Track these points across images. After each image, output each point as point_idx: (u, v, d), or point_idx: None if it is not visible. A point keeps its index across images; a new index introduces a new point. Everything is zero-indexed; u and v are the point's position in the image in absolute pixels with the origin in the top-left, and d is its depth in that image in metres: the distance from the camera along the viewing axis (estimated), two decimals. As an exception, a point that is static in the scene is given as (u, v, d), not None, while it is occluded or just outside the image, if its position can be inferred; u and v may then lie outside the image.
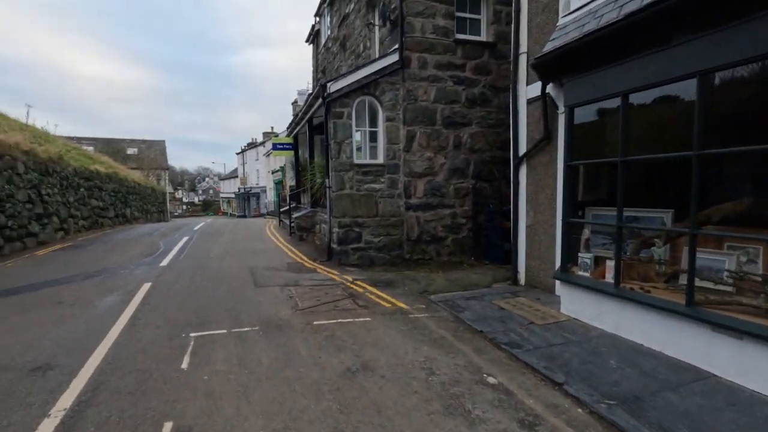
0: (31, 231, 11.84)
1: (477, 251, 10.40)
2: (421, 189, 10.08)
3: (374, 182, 9.80)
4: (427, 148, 10.08)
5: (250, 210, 52.37)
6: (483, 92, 10.41)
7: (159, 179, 38.19)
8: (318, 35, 20.49)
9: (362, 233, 9.68)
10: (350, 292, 7.03)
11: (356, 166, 9.67)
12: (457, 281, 7.99)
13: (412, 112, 9.91)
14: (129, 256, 10.14)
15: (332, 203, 9.72)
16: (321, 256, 10.33)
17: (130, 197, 23.15)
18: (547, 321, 5.59)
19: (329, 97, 9.38)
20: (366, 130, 10.02)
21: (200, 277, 7.80)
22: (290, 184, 21.79)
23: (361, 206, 9.69)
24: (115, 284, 7.31)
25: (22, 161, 11.69)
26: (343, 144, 9.57)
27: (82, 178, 16.48)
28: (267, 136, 50.03)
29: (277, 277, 8.01)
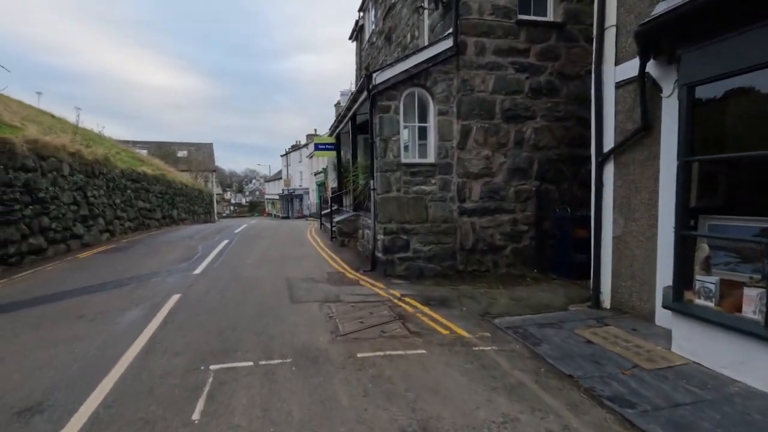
0: (76, 233, 11.77)
1: (541, 263, 9.06)
2: (476, 191, 8.90)
3: (424, 184, 8.74)
4: (484, 146, 8.88)
5: (293, 211, 52.84)
6: (549, 81, 9.07)
7: (206, 181, 39.11)
8: (362, 31, 19.73)
9: (410, 241, 8.65)
10: (398, 312, 6.00)
11: (404, 166, 8.66)
12: (523, 301, 6.76)
13: (468, 104, 8.76)
14: (165, 260, 9.69)
15: (377, 207, 8.75)
16: (364, 266, 9.40)
17: (176, 199, 23.45)
18: (658, 365, 4.29)
19: (375, 89, 8.43)
20: (415, 125, 8.98)
21: (233, 289, 7.07)
22: (332, 185, 21.16)
23: (409, 210, 8.66)
24: (144, 294, 6.72)
25: (68, 163, 11.65)
26: (389, 141, 8.58)
27: (130, 180, 16.59)
28: (310, 138, 50.27)
29: (316, 290, 7.14)
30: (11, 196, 9.00)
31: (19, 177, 9.34)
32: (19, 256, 9.19)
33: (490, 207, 8.96)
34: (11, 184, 9.03)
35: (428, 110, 8.93)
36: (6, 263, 8.79)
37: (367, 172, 10.46)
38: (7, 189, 8.88)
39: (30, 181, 9.70)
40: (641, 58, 5.22)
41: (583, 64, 9.16)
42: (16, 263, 9.07)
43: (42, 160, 10.37)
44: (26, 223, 9.49)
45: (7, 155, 9.00)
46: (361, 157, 13.78)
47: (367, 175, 10.63)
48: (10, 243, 8.93)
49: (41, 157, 10.35)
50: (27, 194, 9.60)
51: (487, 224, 8.96)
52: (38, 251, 9.94)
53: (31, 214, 9.66)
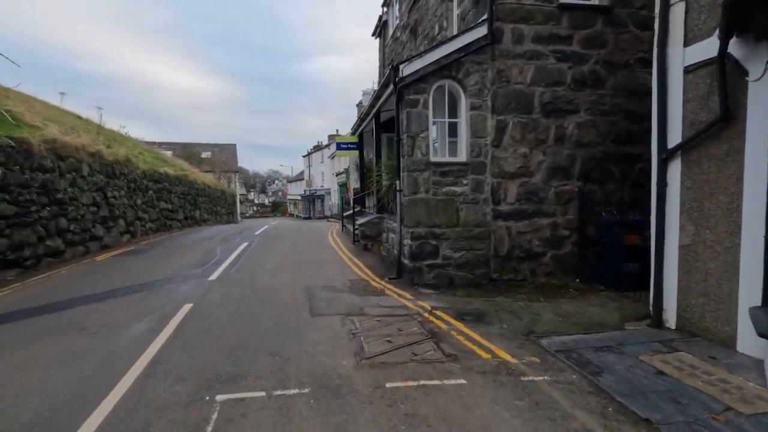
0: (95, 234, 11.57)
1: (584, 272, 8.21)
2: (513, 193, 8.13)
3: (455, 184, 8.03)
4: (521, 142, 8.11)
5: (314, 212, 52.76)
6: (594, 70, 8.22)
7: (229, 181, 39.28)
8: (385, 27, 19.11)
9: (440, 247, 7.95)
10: (430, 329, 5.33)
11: (433, 165, 7.97)
12: (571, 317, 5.97)
13: (504, 97, 8.00)
14: (181, 265, 9.29)
15: (403, 210, 8.10)
16: (389, 272, 8.76)
17: (199, 199, 23.38)
18: (757, 407, 3.48)
19: (402, 82, 7.78)
20: (445, 121, 8.29)
21: (248, 299, 6.55)
22: (354, 186, 20.62)
23: (439, 214, 7.96)
24: (154, 304, 6.26)
25: (88, 163, 11.45)
26: (417, 138, 7.92)
27: (151, 181, 16.46)
28: (332, 138, 50.09)
29: (338, 301, 6.54)
30: (27, 197, 8.77)
31: (36, 177, 9.11)
32: (35, 258, 8.95)
33: (527, 210, 8.17)
34: (27, 185, 8.80)
35: (459, 104, 8.22)
36: (21, 266, 8.55)
37: (392, 172, 9.83)
38: (23, 190, 8.65)
39: (47, 182, 9.47)
40: (723, 35, 4.40)
41: (632, 51, 8.28)
42: (32, 266, 8.83)
43: (60, 161, 10.16)
44: (43, 225, 9.26)
45: (24, 155, 8.78)
46: (385, 156, 13.18)
47: (391, 176, 10.00)
48: (26, 245, 8.69)
49: (60, 157, 10.14)
50: (44, 195, 9.37)
51: (525, 229, 8.18)
52: (55, 253, 9.71)
53: (48, 215, 9.43)
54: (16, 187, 8.48)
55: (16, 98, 12.96)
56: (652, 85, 5.67)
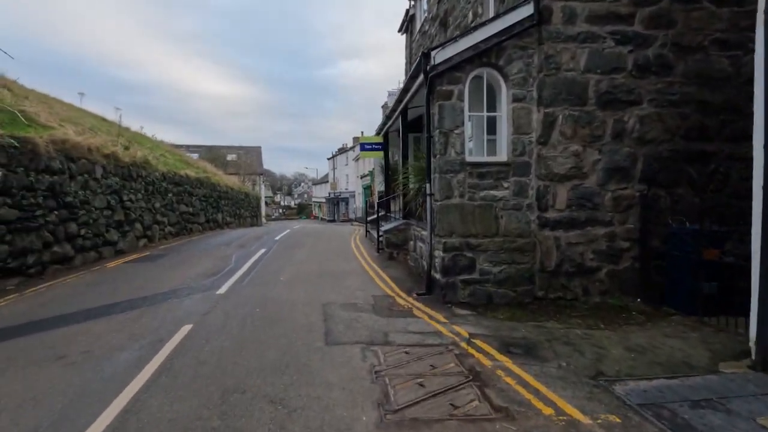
0: (109, 239, 11.07)
1: (646, 291, 6.98)
2: (562, 197, 7.00)
3: (494, 188, 6.98)
4: (572, 139, 6.98)
5: (338, 215, 52.31)
6: (660, 54, 7.00)
7: (254, 184, 39.16)
8: (412, 21, 18.18)
9: (476, 260, 6.90)
10: (471, 367, 4.31)
11: (469, 166, 6.95)
12: (645, 352, 4.82)
13: (552, 87, 6.90)
14: (191, 274, 8.58)
15: (435, 216, 7.10)
16: (417, 287, 7.76)
17: (221, 202, 23.01)
18: None
19: (434, 71, 6.80)
20: (483, 115, 7.25)
21: (256, 319, 5.69)
22: (378, 189, 19.72)
23: (475, 221, 6.92)
24: (150, 324, 5.50)
25: (102, 165, 10.98)
26: (450, 135, 6.91)
27: (171, 183, 16.03)
28: (357, 140, 49.52)
29: (359, 324, 5.59)
30: (32, 201, 8.25)
31: (43, 180, 8.60)
32: (40, 266, 8.43)
33: (579, 218, 7.02)
34: (33, 188, 8.29)
35: (500, 96, 7.17)
36: (24, 274, 8.03)
37: (420, 174, 8.85)
38: (27, 193, 8.13)
39: (55, 185, 8.97)
40: None
41: (707, 31, 7.02)
42: (36, 274, 8.31)
43: (71, 162, 9.67)
44: (50, 230, 8.74)
45: (29, 156, 8.27)
46: (412, 157, 12.19)
47: (420, 178, 9.02)
48: (30, 252, 8.17)
49: (70, 158, 9.65)
50: (52, 198, 8.86)
51: (576, 239, 7.02)
52: (64, 260, 9.20)
53: (56, 220, 8.91)
54: (20, 190, 7.96)
55: (35, 99, 12.72)
56: (754, 65, 4.49)
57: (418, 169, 9.13)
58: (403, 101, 9.98)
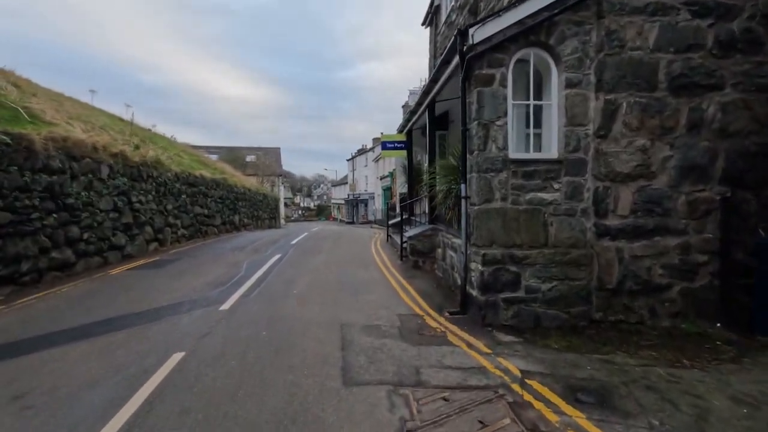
0: (116, 243, 10.42)
1: (730, 314, 5.78)
2: (625, 201, 5.86)
3: (542, 189, 5.90)
4: (638, 131, 5.84)
5: (358, 216, 51.53)
6: (748, 28, 5.80)
7: (273, 185, 38.72)
8: (437, 12, 17.12)
9: (521, 275, 5.83)
10: (533, 426, 3.27)
11: (513, 164, 5.88)
12: (758, 405, 3.68)
13: (615, 68, 5.78)
14: (198, 284, 7.77)
15: (471, 223, 6.06)
16: (448, 303, 6.74)
17: (238, 204, 22.42)
18: None
19: (471, 52, 5.77)
20: (528, 104, 6.18)
21: (260, 346, 4.77)
22: (400, 191, 18.73)
23: (520, 229, 5.85)
24: (136, 350, 4.64)
25: (108, 164, 10.33)
26: (491, 127, 5.86)
27: (185, 184, 15.42)
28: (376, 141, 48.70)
29: (383, 355, 4.60)
30: (27, 203, 7.59)
31: (40, 180, 7.94)
32: (36, 273, 7.76)
33: (646, 225, 5.87)
34: (28, 189, 7.63)
35: (549, 81, 6.08)
36: (17, 283, 7.36)
37: (452, 174, 7.82)
38: (21, 194, 7.47)
39: (54, 185, 8.30)
40: None
41: (807, -1, 5.77)
42: (31, 282, 7.64)
43: (73, 161, 9.02)
44: (48, 235, 8.07)
45: (24, 154, 7.61)
46: (441, 156, 11.16)
47: (450, 178, 7.99)
48: (24, 259, 7.50)
49: (72, 157, 9.00)
50: (50, 200, 8.20)
51: (642, 251, 5.87)
52: (64, 266, 8.53)
53: (54, 223, 8.25)
54: (12, 191, 7.29)
55: (45, 97, 12.24)
56: None
57: (449, 168, 8.10)
58: (431, 93, 8.97)
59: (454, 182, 7.85)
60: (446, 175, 8.24)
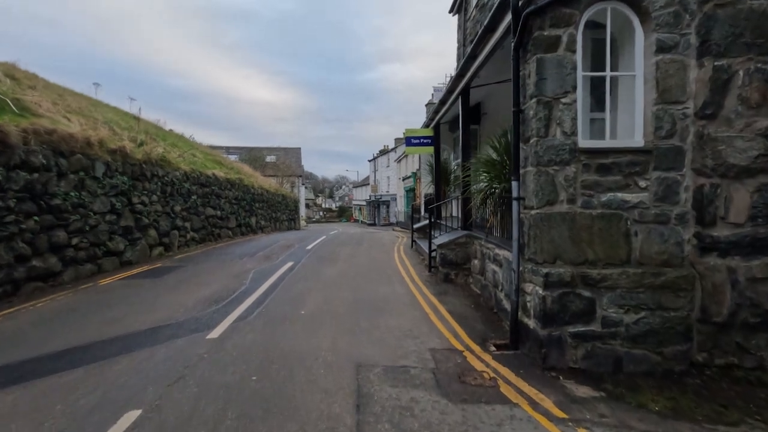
0: (113, 249, 9.42)
1: None
2: (742, 204, 4.34)
3: (623, 188, 4.45)
4: (759, 109, 4.31)
5: (379, 218, 50.31)
6: None
7: (293, 186, 37.90)
8: (467, -4, 15.67)
9: (596, 302, 4.38)
10: None
11: (584, 155, 4.46)
12: None
13: (728, 25, 4.28)
14: (191, 300, 6.61)
15: (527, 232, 4.65)
16: (492, 330, 5.35)
17: (255, 205, 21.47)
18: None
19: (530, 6, 4.38)
20: (606, 75, 4.72)
21: (243, 403, 3.50)
22: (425, 192, 17.33)
23: (593, 241, 4.41)
24: (81, 404, 3.45)
25: (105, 162, 9.36)
26: (555, 106, 4.45)
27: (196, 184, 14.46)
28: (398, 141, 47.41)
29: (416, 422, 3.25)
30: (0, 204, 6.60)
31: (17, 178, 6.95)
32: (10, 284, 6.75)
33: (769, 237, 4.33)
34: (0, 188, 6.64)
35: (631, 45, 4.62)
36: (-14, 296, 6.36)
37: (494, 171, 6.42)
38: (-8, 194, 6.49)
39: (35, 184, 7.32)
40: None
41: None
42: (4, 295, 6.63)
43: (61, 157, 8.04)
44: (27, 240, 7.09)
45: (-4, 148, 6.63)
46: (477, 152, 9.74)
47: (491, 176, 6.59)
48: (-4, 268, 6.51)
49: (59, 153, 8.02)
50: (30, 201, 7.21)
51: (763, 273, 4.33)
52: (48, 276, 7.54)
53: (35, 227, 7.26)
54: (-20, 191, 6.32)
55: (49, 90, 11.46)
56: None
57: (488, 163, 6.69)
58: (466, 75, 7.57)
59: (496, 180, 6.45)
60: (486, 172, 6.83)
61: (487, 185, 6.85)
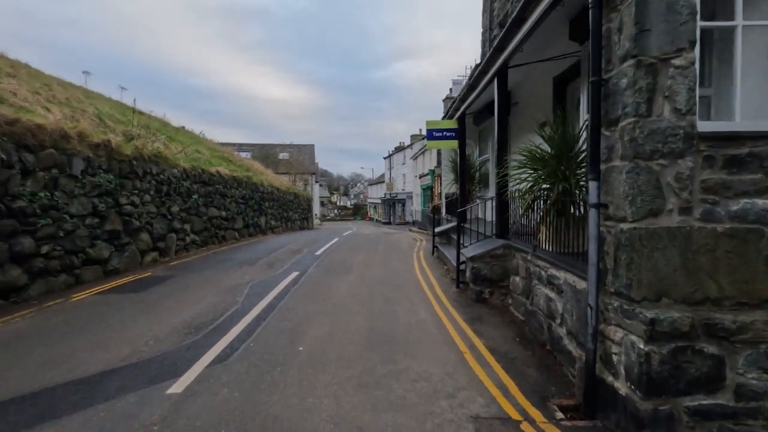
0: (95, 257, 8.30)
1: None
2: None
3: (763, 192, 2.98)
4: None
5: (395, 217, 48.94)
6: None
7: (306, 184, 36.81)
8: (495, -26, 14.11)
9: (725, 362, 2.94)
10: None
11: (704, 143, 3.00)
12: None
13: None
14: (167, 326, 5.38)
15: (614, 253, 3.23)
16: (551, 382, 3.94)
17: (265, 204, 20.35)
18: None
19: None
20: (736, 25, 3.25)
21: None
22: (446, 191, 15.88)
23: (719, 269, 2.97)
24: None
25: (85, 157, 8.23)
26: (663, 70, 3.01)
27: (198, 182, 13.34)
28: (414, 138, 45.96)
29: None
30: (-59, 208, 5.47)
31: (-35, 176, 5.83)
32: (-45, 304, 5.65)
33: None
34: (-58, 188, 5.52)
35: (776, -18, 3.14)
36: None
37: (548, 167, 5.01)
38: (-71, 196, 5.35)
39: (-9, 183, 6.20)
40: None
41: None
42: (-53, 317, 5.52)
43: (26, 152, 6.91)
44: (-21, 250, 5.97)
45: (-64, 140, 5.49)
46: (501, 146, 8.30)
47: (540, 174, 5.19)
48: (-66, 285, 5.38)
49: (24, 146, 6.89)
50: (-15, 203, 6.10)
51: None
52: (10, 291, 6.43)
53: (-9, 234, 6.15)
54: None
55: (32, 78, 10.45)
56: None
57: (538, 158, 5.27)
58: (507, 49, 6.13)
59: (548, 179, 5.05)
60: (534, 169, 5.40)
61: (533, 185, 5.44)
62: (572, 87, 7.75)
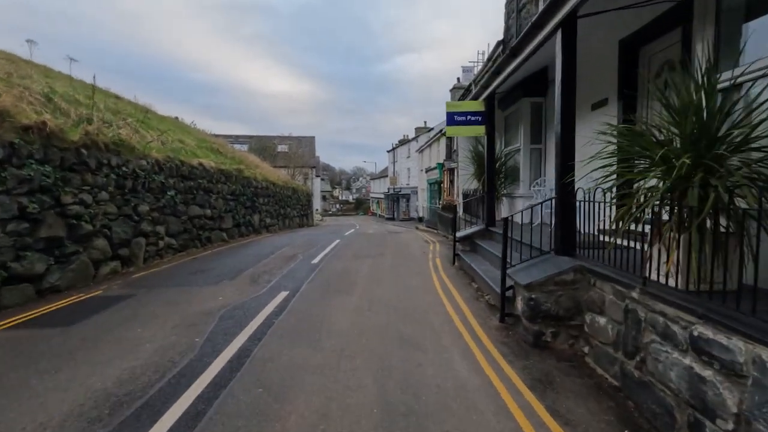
0: (23, 272, 6.39)
1: None
2: None
3: None
4: None
5: (398, 212, 46.97)
6: None
7: (306, 178, 34.82)
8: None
9: None
10: None
11: None
12: None
13: None
14: (65, 403, 3.51)
15: None
16: None
17: (258, 200, 18.41)
18: None
19: None
20: None
21: None
22: (465, 187, 13.87)
23: None
24: None
25: (8, 143, 6.28)
26: None
27: (175, 177, 11.40)
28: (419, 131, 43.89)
29: None
30: None
31: None
32: None
33: None
34: None
35: None
36: None
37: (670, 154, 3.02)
38: None
39: None
40: None
41: None
42: None
43: None
44: None
45: None
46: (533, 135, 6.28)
47: (664, 168, 3.21)
48: None
49: None
50: None
51: None
52: None
53: None
54: None
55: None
56: None
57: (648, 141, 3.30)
58: None
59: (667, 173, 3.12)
60: (650, 157, 3.43)
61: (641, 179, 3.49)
62: (649, 51, 5.79)
